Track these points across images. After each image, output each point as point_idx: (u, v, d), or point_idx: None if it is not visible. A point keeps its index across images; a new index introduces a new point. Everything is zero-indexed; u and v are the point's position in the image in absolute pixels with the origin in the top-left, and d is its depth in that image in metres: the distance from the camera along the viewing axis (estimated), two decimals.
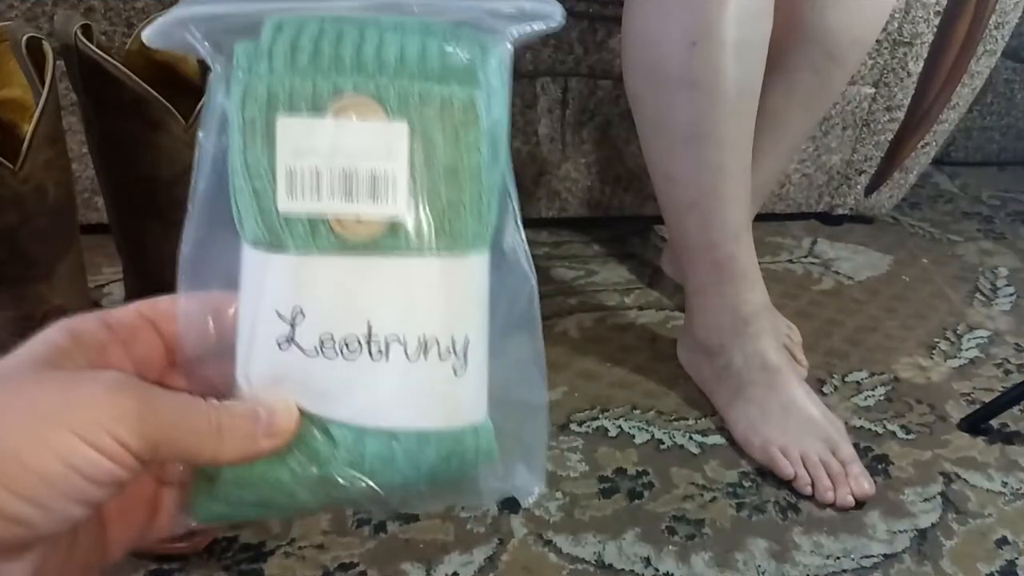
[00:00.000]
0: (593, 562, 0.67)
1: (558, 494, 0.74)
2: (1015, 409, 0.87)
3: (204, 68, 0.65)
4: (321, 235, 0.24)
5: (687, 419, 0.85)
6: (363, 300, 0.25)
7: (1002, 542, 0.71)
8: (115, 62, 0.60)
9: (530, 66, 1.05)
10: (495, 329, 0.27)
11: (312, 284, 0.25)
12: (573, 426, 0.82)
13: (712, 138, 0.74)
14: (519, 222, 0.28)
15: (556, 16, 0.26)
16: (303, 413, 0.25)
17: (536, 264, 0.28)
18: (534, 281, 0.28)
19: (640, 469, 0.77)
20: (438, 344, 0.25)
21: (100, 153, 0.68)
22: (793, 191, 1.26)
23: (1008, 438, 0.84)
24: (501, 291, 0.27)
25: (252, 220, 0.25)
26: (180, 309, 0.27)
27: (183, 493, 0.28)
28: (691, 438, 0.82)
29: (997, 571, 0.68)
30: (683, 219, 0.80)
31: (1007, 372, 0.96)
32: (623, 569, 0.67)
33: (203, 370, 0.28)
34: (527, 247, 0.28)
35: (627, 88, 0.81)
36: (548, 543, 0.69)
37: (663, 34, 0.73)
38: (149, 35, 0.26)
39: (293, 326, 0.25)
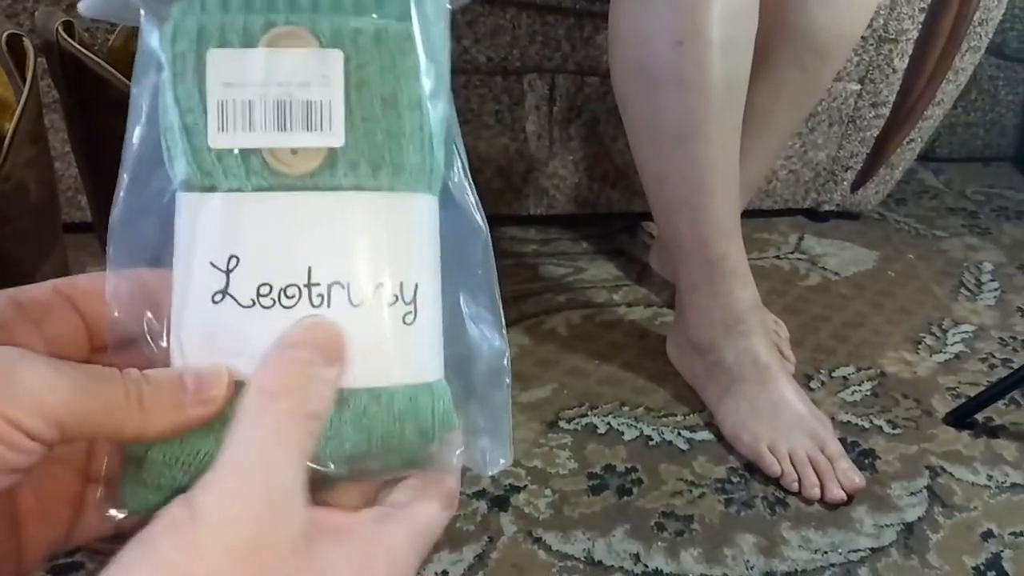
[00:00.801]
0: (583, 559, 0.67)
1: (547, 491, 0.74)
2: (1000, 403, 0.87)
3: None
4: (255, 170, 0.23)
5: (676, 415, 0.85)
6: (302, 242, 0.23)
7: (987, 535, 0.72)
8: (97, 59, 0.59)
9: (517, 63, 1.05)
10: (447, 285, 0.26)
11: (247, 227, 0.23)
12: (562, 423, 0.82)
13: (700, 136, 0.74)
14: (467, 171, 0.26)
15: None
16: (237, 377, 0.23)
17: (524, 261, 0.27)
18: (487, 232, 0.26)
19: (629, 466, 0.77)
20: (385, 289, 0.23)
21: (83, 151, 0.67)
22: (780, 187, 1.27)
23: (993, 432, 0.85)
24: (453, 244, 0.26)
25: (183, 159, 0.23)
26: (108, 287, 0.25)
27: (110, 487, 0.26)
28: (680, 434, 0.82)
29: (983, 564, 0.69)
30: (674, 218, 0.81)
31: (992, 366, 0.97)
32: (612, 566, 0.67)
33: (135, 355, 0.25)
34: (476, 199, 0.26)
35: (615, 88, 0.81)
36: (538, 540, 0.69)
37: (650, 34, 0.73)
38: (85, 5, 0.25)
39: (228, 276, 0.23)
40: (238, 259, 0.23)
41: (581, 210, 1.20)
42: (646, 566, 0.67)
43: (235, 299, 0.23)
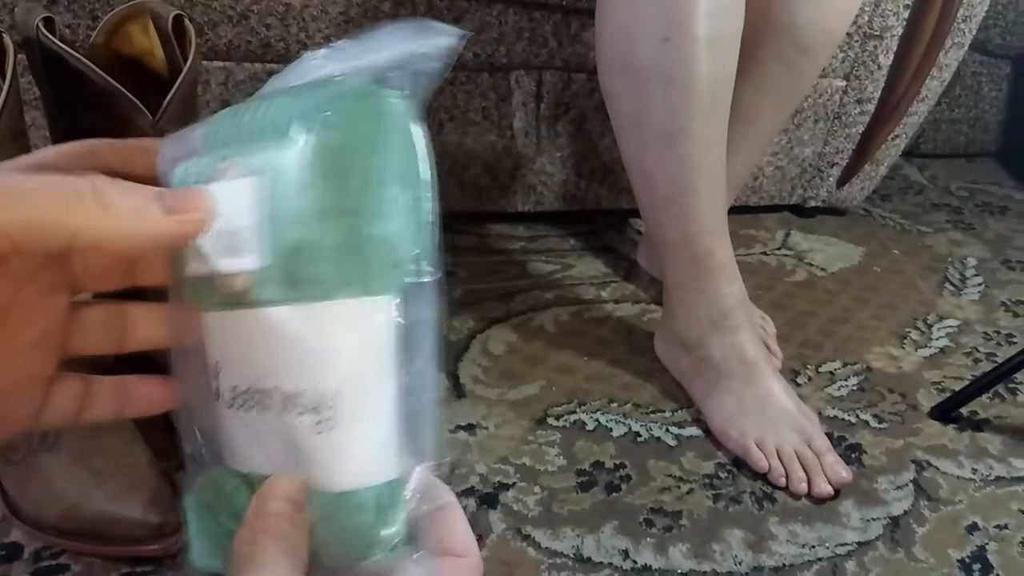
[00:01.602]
0: (572, 556, 0.67)
1: (536, 488, 0.74)
2: (984, 397, 0.88)
3: (172, 62, 0.63)
4: (212, 292, 0.25)
5: (664, 411, 0.85)
6: (249, 353, 0.25)
7: (972, 528, 0.72)
8: (79, 55, 0.58)
9: (504, 59, 1.05)
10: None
11: (219, 338, 0.26)
12: (551, 420, 0.82)
13: (687, 133, 0.75)
14: (440, 269, 0.26)
15: (449, 45, 0.25)
16: (233, 470, 0.26)
17: (512, 258, 0.27)
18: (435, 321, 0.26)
19: (618, 462, 0.78)
20: (300, 398, 0.24)
21: None
22: (766, 184, 1.27)
23: (978, 425, 0.86)
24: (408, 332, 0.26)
25: (186, 281, 0.27)
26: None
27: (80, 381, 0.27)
28: (668, 430, 0.82)
29: (968, 556, 0.69)
30: (660, 215, 0.81)
31: (976, 361, 0.98)
32: (601, 562, 0.67)
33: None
34: (434, 293, 0.26)
35: (602, 84, 0.81)
36: (527, 538, 0.69)
37: (636, 30, 0.73)
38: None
39: (217, 379, 0.26)
40: (220, 364, 0.26)
41: (569, 207, 1.20)
42: (635, 562, 0.67)
43: (221, 397, 0.26)
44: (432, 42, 0.25)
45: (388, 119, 0.25)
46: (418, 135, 0.26)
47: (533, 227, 1.22)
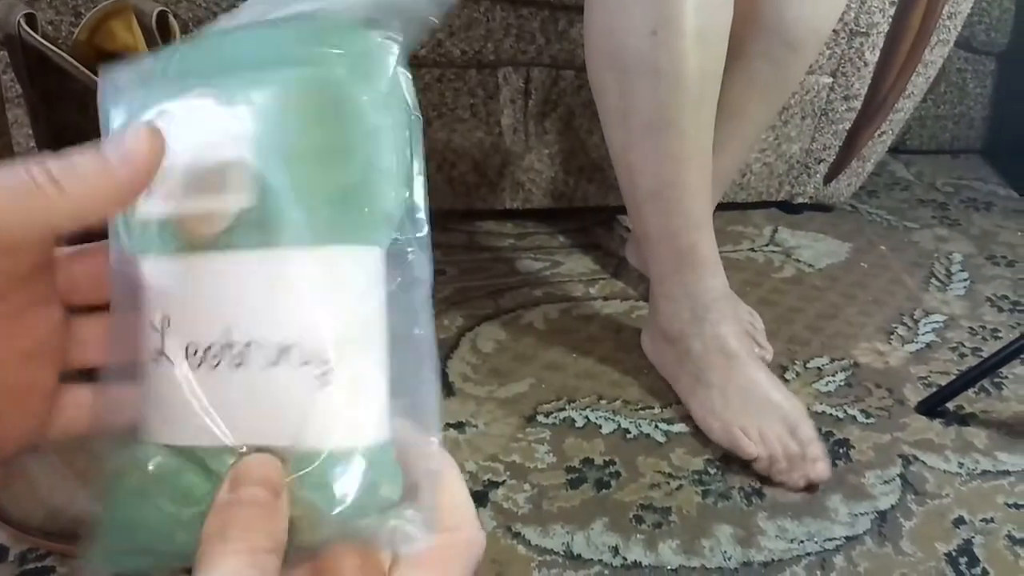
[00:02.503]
0: (562, 553, 0.67)
1: (526, 486, 0.73)
2: (970, 391, 0.89)
3: None
4: (172, 234, 0.23)
5: (652, 408, 0.85)
6: (218, 302, 0.22)
7: (959, 521, 0.73)
8: (62, 52, 0.57)
9: (491, 56, 1.05)
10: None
11: (173, 288, 0.23)
12: (540, 417, 0.82)
13: (674, 127, 0.75)
14: (428, 221, 0.25)
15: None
16: (171, 447, 0.22)
17: (501, 256, 0.26)
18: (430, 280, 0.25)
19: (607, 459, 0.78)
20: (298, 349, 0.22)
21: (49, 147, 0.66)
22: (754, 180, 1.27)
23: (963, 420, 0.87)
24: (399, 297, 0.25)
25: (120, 228, 0.24)
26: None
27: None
28: (657, 427, 0.82)
29: (955, 550, 0.70)
30: (645, 208, 0.81)
31: (962, 355, 0.98)
32: (591, 559, 0.67)
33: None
34: (430, 244, 0.25)
35: (590, 78, 0.80)
36: (516, 535, 0.68)
37: (624, 24, 0.73)
38: None
39: (163, 336, 0.23)
40: (169, 320, 0.23)
41: (557, 204, 1.20)
42: (625, 559, 0.67)
43: (169, 359, 0.23)
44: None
45: (380, 61, 0.23)
46: (406, 81, 0.24)
47: (522, 224, 1.21)
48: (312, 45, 0.23)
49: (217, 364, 0.22)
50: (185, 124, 0.23)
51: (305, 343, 0.22)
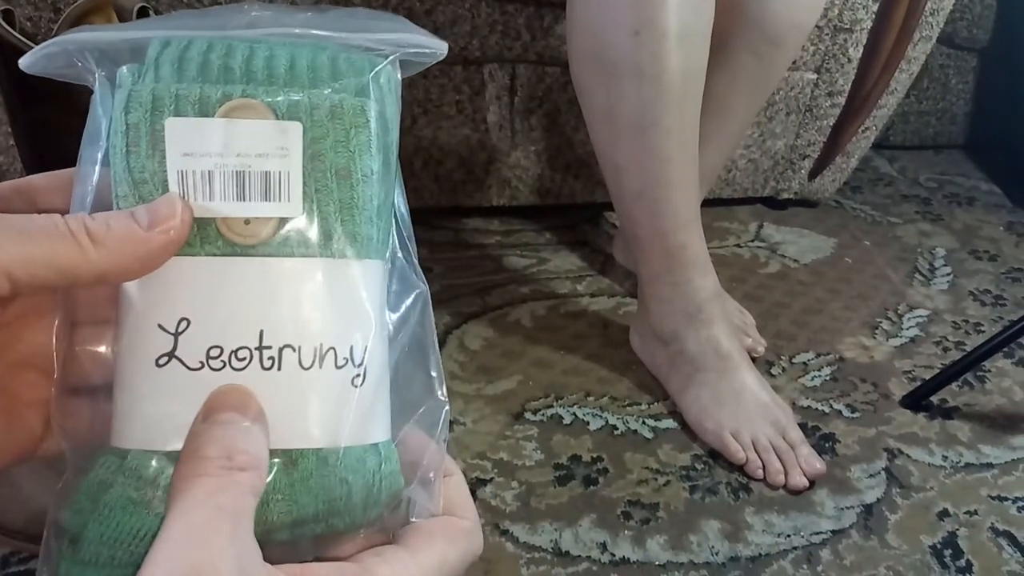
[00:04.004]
0: (550, 550, 0.67)
1: (514, 483, 0.73)
2: (953, 385, 0.90)
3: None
4: (209, 238, 0.23)
5: (640, 404, 0.85)
6: (253, 306, 0.23)
7: (943, 514, 0.74)
8: None
9: (477, 53, 1.04)
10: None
11: (199, 290, 0.23)
12: (528, 415, 0.82)
13: (659, 127, 0.75)
14: (410, 240, 0.28)
15: (441, 49, 0.27)
16: (169, 453, 0.22)
17: (488, 253, 0.28)
18: (426, 291, 0.28)
19: (595, 455, 0.78)
20: (334, 352, 0.23)
21: (28, 144, 0.65)
22: (739, 176, 1.28)
23: (947, 413, 0.87)
24: (394, 303, 0.27)
25: None
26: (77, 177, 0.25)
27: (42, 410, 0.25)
28: (644, 423, 0.83)
29: (939, 542, 0.70)
30: (633, 208, 0.81)
31: (945, 349, 0.99)
32: (580, 556, 0.67)
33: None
34: (416, 260, 0.28)
35: (574, 78, 0.80)
36: (505, 532, 0.68)
37: (607, 23, 0.73)
38: (27, 61, 0.25)
39: (176, 338, 0.23)
40: (188, 321, 0.23)
41: (544, 201, 1.20)
42: (613, 555, 0.67)
43: (182, 362, 0.23)
44: (418, 39, 0.26)
45: (398, 93, 0.26)
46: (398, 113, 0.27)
47: (508, 221, 1.21)
48: (344, 69, 0.25)
49: (245, 367, 0.23)
50: (229, 131, 0.23)
51: (341, 348, 0.24)
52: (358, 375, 0.24)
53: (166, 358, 0.23)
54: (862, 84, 1.20)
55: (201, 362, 0.23)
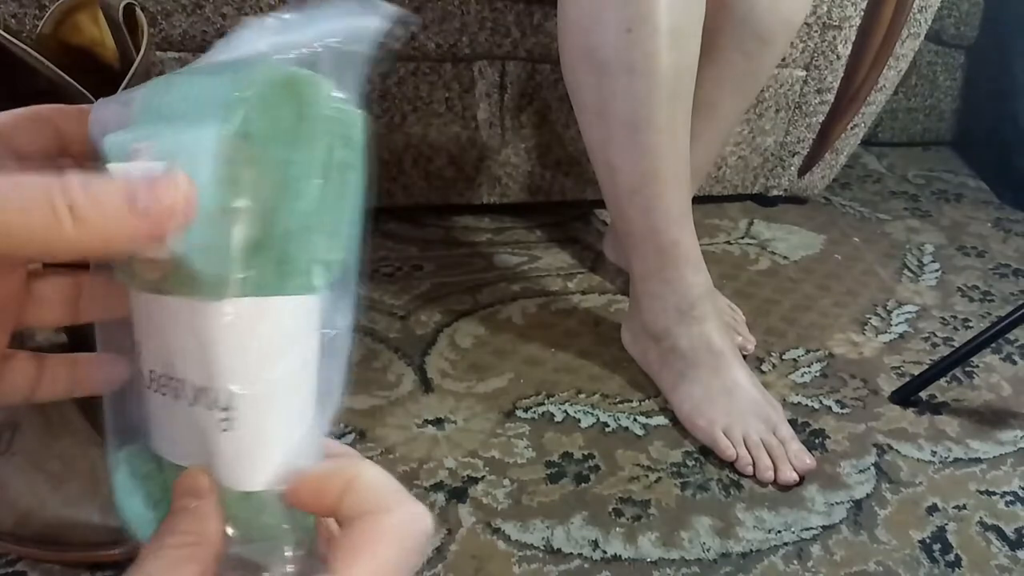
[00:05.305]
0: (542, 548, 0.67)
1: (506, 481, 0.73)
2: (942, 380, 0.90)
3: (123, 53, 0.61)
4: (135, 272, 0.24)
5: (631, 401, 0.85)
6: (162, 341, 0.24)
7: (932, 509, 0.74)
8: (25, 47, 0.56)
9: (467, 50, 1.04)
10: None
11: (140, 320, 0.25)
12: (519, 412, 0.82)
13: (651, 125, 0.75)
14: (355, 276, 0.26)
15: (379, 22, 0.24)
16: (153, 455, 0.25)
17: (478, 250, 0.27)
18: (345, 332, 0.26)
19: (586, 453, 0.78)
20: (207, 393, 0.23)
21: None
22: (729, 173, 1.28)
23: (936, 409, 0.88)
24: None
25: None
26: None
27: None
28: (635, 420, 0.83)
29: (928, 537, 0.71)
30: (625, 206, 0.81)
31: (934, 345, 1.00)
32: (571, 553, 0.67)
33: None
34: (353, 304, 0.26)
35: (565, 75, 0.80)
36: (496, 531, 0.68)
37: (599, 21, 0.73)
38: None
39: (140, 359, 0.25)
40: (139, 345, 0.25)
41: (534, 198, 1.20)
42: (605, 552, 0.67)
43: (143, 377, 0.25)
44: (363, 22, 0.24)
45: (310, 105, 0.23)
46: (349, 121, 0.24)
47: (499, 219, 1.21)
48: (246, 93, 0.22)
49: (165, 393, 0.24)
50: (131, 174, 0.23)
51: (213, 389, 0.23)
52: (225, 419, 0.23)
53: (139, 372, 0.25)
54: (851, 81, 1.21)
55: (149, 382, 0.25)
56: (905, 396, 0.88)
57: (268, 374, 0.24)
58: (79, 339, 0.35)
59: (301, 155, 0.23)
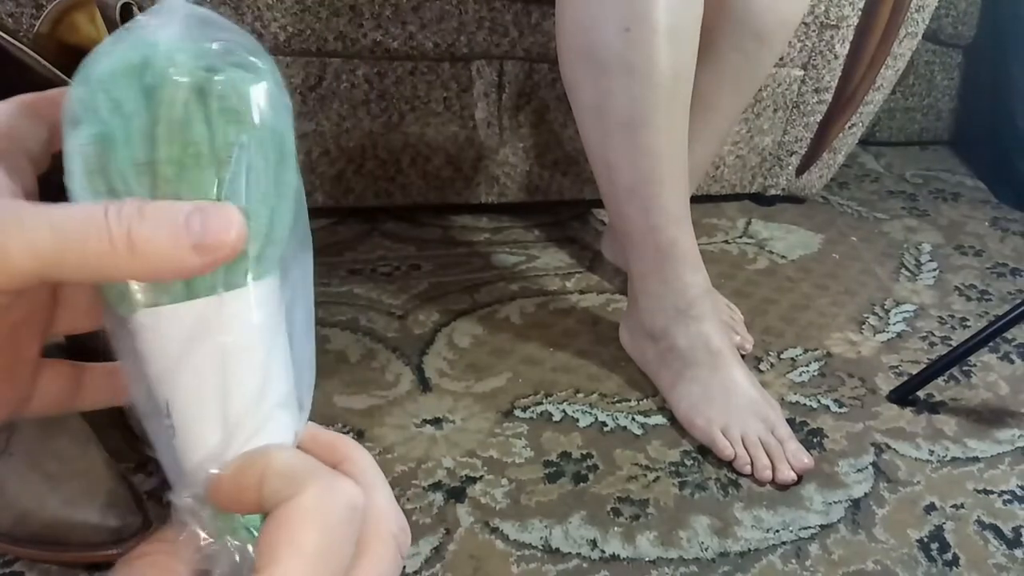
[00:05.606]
0: (540, 547, 0.67)
1: (504, 481, 0.73)
2: (940, 380, 0.90)
3: None
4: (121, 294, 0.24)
5: (629, 401, 0.85)
6: (119, 355, 0.25)
7: (930, 508, 0.74)
8: (22, 46, 0.56)
9: (465, 49, 1.04)
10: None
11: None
12: (517, 412, 0.82)
13: (649, 124, 0.75)
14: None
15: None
16: None
17: (476, 250, 0.26)
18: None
19: (584, 452, 0.78)
20: (156, 403, 0.23)
21: None
22: (727, 173, 1.28)
23: (934, 408, 0.88)
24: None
25: None
26: None
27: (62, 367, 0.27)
28: (634, 419, 0.83)
29: (926, 536, 0.71)
30: (624, 205, 0.81)
31: (932, 344, 1.00)
32: (570, 552, 0.67)
33: None
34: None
35: (563, 75, 0.80)
36: (495, 530, 0.68)
37: (597, 20, 0.73)
38: None
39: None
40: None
41: (532, 198, 1.20)
42: (603, 551, 0.67)
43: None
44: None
45: (161, 94, 0.21)
46: (236, 98, 0.22)
47: (497, 219, 1.21)
48: (93, 94, 0.22)
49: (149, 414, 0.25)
50: None
51: (154, 397, 0.23)
52: (169, 426, 0.23)
53: None
54: (848, 80, 1.21)
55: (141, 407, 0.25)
56: (903, 395, 0.88)
57: (191, 379, 0.23)
58: (77, 343, 0.34)
59: (168, 150, 0.21)
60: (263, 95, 0.22)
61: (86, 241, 0.20)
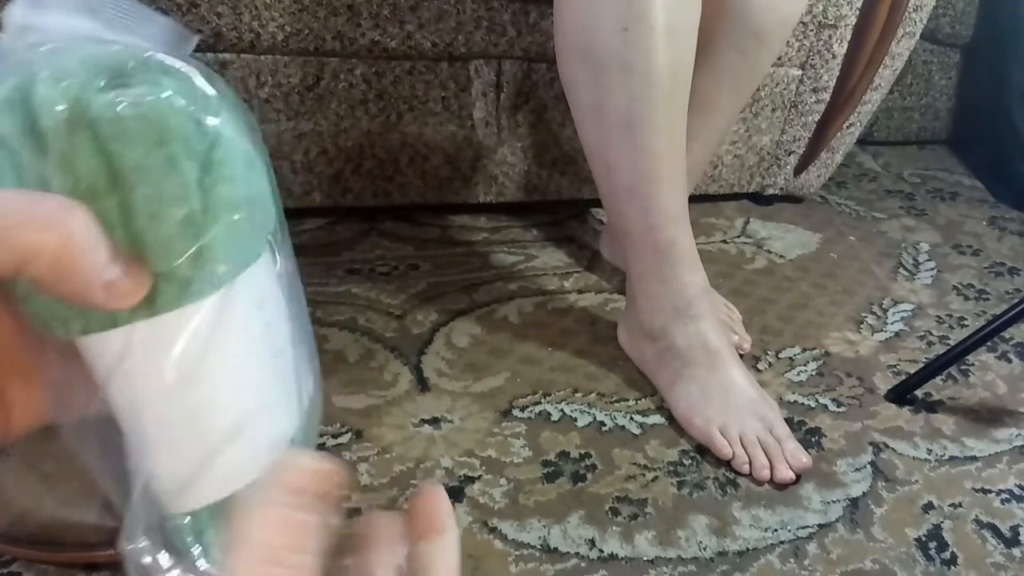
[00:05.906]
0: (539, 547, 0.67)
1: (502, 480, 0.73)
2: (938, 379, 0.90)
3: None
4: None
5: (628, 400, 0.85)
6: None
7: (928, 507, 0.74)
8: None
9: (463, 49, 1.04)
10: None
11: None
12: (516, 411, 0.82)
13: (647, 123, 0.75)
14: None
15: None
16: None
17: (475, 250, 0.26)
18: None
19: (583, 452, 0.78)
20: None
21: None
22: (725, 172, 1.28)
23: (932, 407, 0.88)
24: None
25: None
26: None
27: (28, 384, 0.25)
28: (632, 419, 0.83)
29: (924, 535, 0.71)
30: (622, 205, 0.81)
31: (930, 344, 1.00)
32: (568, 552, 0.67)
33: None
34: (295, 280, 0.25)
35: (561, 74, 0.80)
36: (493, 530, 0.68)
37: (595, 20, 0.73)
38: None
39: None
40: None
41: (530, 197, 1.20)
42: (601, 551, 0.67)
43: None
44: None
45: (46, 121, 0.19)
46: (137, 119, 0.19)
47: (495, 218, 1.21)
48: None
49: None
50: None
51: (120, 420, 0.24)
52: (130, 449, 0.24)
53: None
54: (846, 80, 1.21)
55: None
56: (901, 394, 0.88)
57: (137, 400, 0.22)
58: None
59: (62, 183, 0.19)
60: (168, 108, 0.19)
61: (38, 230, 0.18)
